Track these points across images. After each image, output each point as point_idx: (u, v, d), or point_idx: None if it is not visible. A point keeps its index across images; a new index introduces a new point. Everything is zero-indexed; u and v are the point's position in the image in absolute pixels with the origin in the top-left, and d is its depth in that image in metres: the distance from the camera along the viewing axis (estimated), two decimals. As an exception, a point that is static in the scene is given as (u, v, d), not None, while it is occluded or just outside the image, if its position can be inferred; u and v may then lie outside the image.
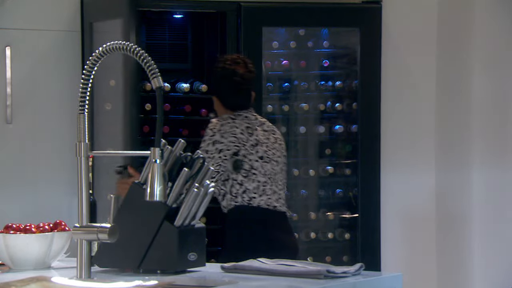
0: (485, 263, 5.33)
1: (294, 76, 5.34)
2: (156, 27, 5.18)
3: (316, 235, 5.29)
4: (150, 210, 2.64)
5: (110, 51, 2.48)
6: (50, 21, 4.94)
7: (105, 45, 2.48)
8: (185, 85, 5.11)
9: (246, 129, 3.96)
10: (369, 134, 5.25)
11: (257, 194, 3.94)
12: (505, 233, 5.33)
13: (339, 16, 5.24)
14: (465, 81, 5.39)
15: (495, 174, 5.33)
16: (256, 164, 3.94)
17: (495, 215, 5.34)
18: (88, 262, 2.47)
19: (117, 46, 2.47)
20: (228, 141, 3.91)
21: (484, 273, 5.33)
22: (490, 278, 5.33)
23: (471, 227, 5.35)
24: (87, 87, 2.49)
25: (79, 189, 2.46)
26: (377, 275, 2.59)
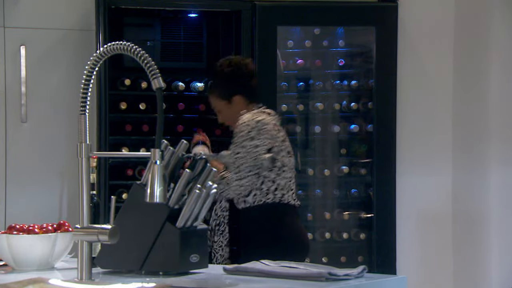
0: (503, 264, 5.27)
1: (309, 75, 5.31)
2: (171, 26, 5.18)
3: (331, 235, 5.26)
4: (152, 212, 2.64)
5: (111, 52, 2.47)
6: (65, 20, 4.96)
7: (106, 45, 2.47)
8: (199, 84, 5.10)
9: (274, 125, 4.00)
10: (385, 133, 5.21)
11: (286, 190, 3.97)
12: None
13: (355, 15, 5.20)
14: (483, 80, 5.33)
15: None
16: (285, 160, 3.98)
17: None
18: (88, 264, 2.47)
19: (118, 46, 2.46)
20: (264, 137, 3.93)
21: (501, 273, 5.28)
22: (508, 278, 5.27)
23: (488, 228, 5.30)
24: (88, 88, 2.49)
25: (79, 190, 2.46)
26: (381, 278, 2.56)
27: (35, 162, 4.91)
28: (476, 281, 5.34)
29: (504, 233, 5.28)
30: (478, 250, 5.32)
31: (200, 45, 5.20)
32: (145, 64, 2.42)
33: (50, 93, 4.93)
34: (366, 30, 5.26)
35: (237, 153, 3.91)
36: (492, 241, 5.29)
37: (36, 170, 4.90)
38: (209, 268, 2.72)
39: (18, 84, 4.85)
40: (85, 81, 2.48)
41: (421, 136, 5.40)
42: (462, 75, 5.39)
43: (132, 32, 5.10)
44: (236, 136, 3.95)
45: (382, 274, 2.69)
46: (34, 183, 4.89)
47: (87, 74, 2.48)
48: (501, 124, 5.30)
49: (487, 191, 5.30)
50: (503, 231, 5.29)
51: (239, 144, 3.92)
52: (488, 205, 5.30)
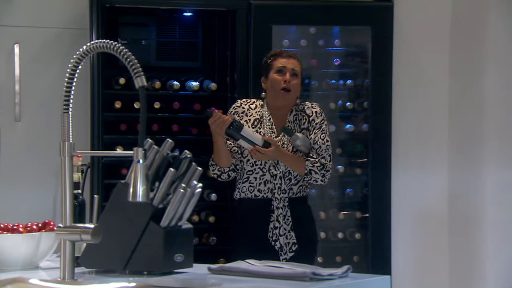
0: (498, 264, 5.26)
1: (305, 74, 5.28)
2: (166, 25, 5.17)
3: (326, 235, 5.25)
4: (136, 211, 2.63)
5: (94, 50, 2.47)
6: (59, 19, 4.95)
7: (88, 44, 2.46)
8: (194, 84, 5.09)
9: None
10: (380, 133, 5.20)
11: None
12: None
13: (351, 14, 5.19)
14: (479, 80, 5.31)
15: (508, 174, 5.25)
16: None
17: (508, 216, 5.27)
18: (71, 263, 2.46)
19: (100, 45, 2.45)
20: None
21: (497, 273, 5.26)
22: (503, 279, 5.25)
23: (484, 228, 5.28)
24: (71, 86, 2.48)
25: (62, 189, 2.45)
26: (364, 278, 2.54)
27: (29, 161, 4.90)
28: (471, 281, 5.32)
29: (499, 233, 5.26)
30: (473, 250, 5.30)
31: (196, 44, 5.19)
32: (127, 62, 2.41)
33: (44, 92, 4.93)
34: (362, 30, 5.25)
35: (328, 141, 3.99)
36: (487, 241, 5.27)
37: (30, 169, 4.90)
38: (194, 267, 2.71)
39: (12, 83, 4.85)
40: (68, 80, 2.47)
41: (417, 136, 5.38)
42: (458, 75, 5.38)
43: (127, 31, 5.09)
44: (320, 121, 3.98)
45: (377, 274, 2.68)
46: (28, 182, 4.88)
47: (70, 72, 2.47)
48: (497, 124, 5.28)
49: (482, 191, 5.28)
50: (499, 232, 5.27)
51: (326, 131, 4.00)
52: (484, 206, 5.28)
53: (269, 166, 3.95)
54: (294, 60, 4.06)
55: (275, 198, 3.94)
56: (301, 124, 4.00)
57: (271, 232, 3.93)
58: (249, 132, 3.91)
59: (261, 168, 3.95)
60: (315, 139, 3.97)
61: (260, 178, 3.95)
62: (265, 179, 3.95)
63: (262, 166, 3.95)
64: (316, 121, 3.99)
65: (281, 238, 3.93)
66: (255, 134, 3.92)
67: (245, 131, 3.89)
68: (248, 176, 3.97)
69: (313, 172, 3.92)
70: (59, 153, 2.46)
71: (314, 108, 4.02)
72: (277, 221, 3.94)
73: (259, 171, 3.96)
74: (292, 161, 3.92)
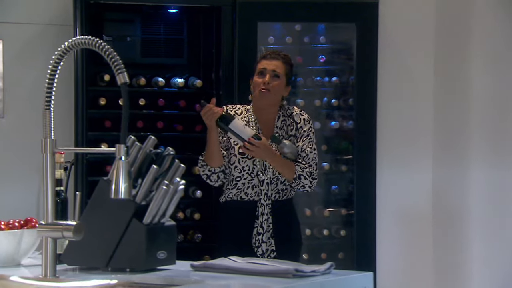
0: (483, 261, 5.27)
1: (290, 71, 5.29)
2: (151, 21, 5.16)
3: (311, 232, 5.25)
4: (118, 208, 2.62)
5: (76, 46, 2.45)
6: (43, 15, 4.93)
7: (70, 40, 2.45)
8: (179, 80, 5.08)
9: None
10: (365, 130, 5.21)
11: None
12: (503, 231, 5.27)
13: (336, 11, 5.19)
14: (464, 77, 5.33)
15: (493, 172, 5.27)
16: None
17: (492, 213, 5.28)
18: (53, 260, 2.44)
19: (83, 41, 2.44)
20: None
21: (482, 270, 5.28)
22: (488, 275, 5.27)
23: (468, 225, 5.30)
24: (53, 83, 2.47)
25: (44, 186, 2.44)
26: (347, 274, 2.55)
27: (13, 157, 4.88)
28: (456, 278, 5.34)
29: (483, 230, 5.28)
30: (458, 247, 5.32)
31: (181, 41, 5.18)
32: (109, 58, 2.40)
33: (28, 89, 4.90)
34: (347, 27, 5.25)
35: (315, 149, 3.97)
36: (472, 238, 5.29)
37: (13, 166, 4.88)
38: (177, 264, 2.71)
39: (-4, 79, 4.83)
40: (49, 76, 2.46)
41: (402, 133, 5.39)
42: (443, 72, 5.39)
43: (112, 27, 5.07)
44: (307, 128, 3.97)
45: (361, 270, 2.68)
46: (11, 179, 4.86)
47: (52, 69, 2.46)
48: (482, 121, 5.29)
49: (467, 188, 5.30)
50: (483, 229, 5.28)
51: (313, 140, 3.99)
52: (468, 202, 5.30)
53: (257, 171, 3.94)
54: (277, 62, 4.00)
55: (260, 204, 3.94)
56: (288, 131, 3.99)
57: (254, 238, 3.93)
58: (238, 125, 3.86)
59: (249, 173, 3.94)
60: (303, 147, 3.97)
61: (248, 183, 3.94)
62: (253, 183, 3.94)
63: (250, 171, 3.93)
64: (304, 129, 3.99)
65: (263, 244, 3.93)
66: (245, 128, 3.87)
67: (234, 125, 3.85)
68: (236, 182, 3.95)
69: (303, 177, 3.92)
70: (41, 150, 2.45)
71: (302, 116, 4.01)
72: (260, 227, 3.94)
73: (247, 177, 3.94)
74: (283, 164, 3.92)
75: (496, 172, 5.26)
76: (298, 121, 4.00)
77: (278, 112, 4.00)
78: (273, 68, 3.97)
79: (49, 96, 2.46)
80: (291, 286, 2.41)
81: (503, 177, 5.26)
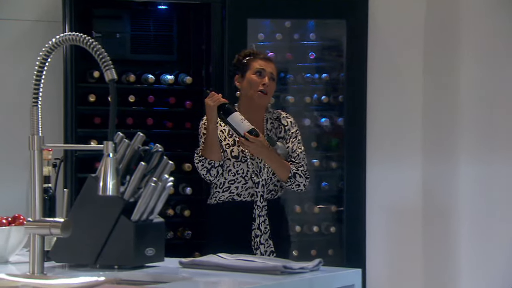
0: (472, 256, 5.29)
1: (280, 68, 5.27)
2: (141, 18, 5.14)
3: (301, 229, 5.25)
4: (106, 205, 2.61)
5: (63, 43, 2.45)
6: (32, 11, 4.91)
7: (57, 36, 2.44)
8: (169, 77, 5.07)
9: None
10: (355, 127, 5.21)
11: None
12: (492, 227, 5.28)
13: (326, 8, 5.19)
14: (453, 74, 5.33)
15: (482, 167, 5.28)
16: None
17: (482, 208, 5.30)
18: (41, 257, 2.44)
19: (70, 37, 2.43)
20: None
21: (471, 266, 5.29)
22: (477, 271, 5.28)
23: (458, 221, 5.31)
24: (40, 80, 2.46)
25: (31, 183, 2.43)
26: (335, 271, 2.55)
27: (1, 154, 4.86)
28: (445, 274, 5.35)
29: (473, 226, 5.29)
30: (448, 242, 5.33)
31: (171, 38, 5.17)
32: (97, 55, 2.39)
33: (17, 85, 4.88)
34: (337, 24, 5.25)
35: (304, 150, 4.03)
36: (462, 233, 5.30)
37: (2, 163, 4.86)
38: (165, 261, 2.70)
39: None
40: (37, 73, 2.45)
41: (392, 129, 5.40)
42: (433, 68, 5.40)
43: (101, 24, 5.06)
44: (295, 130, 4.03)
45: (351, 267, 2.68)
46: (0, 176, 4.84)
47: (39, 65, 2.45)
48: (471, 117, 5.30)
49: (456, 184, 5.31)
50: (473, 224, 5.30)
51: (301, 141, 4.05)
52: (458, 199, 5.31)
53: (251, 174, 3.94)
54: (272, 64, 4.07)
55: (257, 206, 3.94)
56: (277, 133, 4.02)
57: (253, 241, 3.93)
58: (237, 119, 3.87)
59: (243, 177, 3.94)
60: (293, 148, 4.02)
61: (242, 187, 3.94)
62: (247, 186, 3.94)
63: (244, 174, 3.94)
64: (291, 131, 4.04)
65: (261, 246, 3.94)
66: (243, 122, 3.87)
67: (233, 117, 3.86)
68: (230, 185, 3.95)
69: (298, 175, 3.96)
70: (28, 147, 2.44)
71: (288, 118, 4.08)
72: (258, 229, 3.94)
73: (241, 180, 3.94)
74: (278, 162, 3.94)
75: (486, 168, 5.28)
76: (286, 124, 4.05)
77: (264, 114, 4.01)
78: (271, 71, 4.04)
79: (36, 92, 2.45)
80: (280, 283, 2.41)
81: (492, 172, 5.27)
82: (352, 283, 2.52)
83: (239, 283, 2.46)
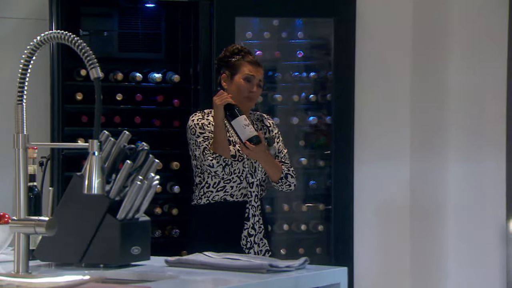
0: (460, 254, 5.30)
1: (268, 67, 5.28)
2: (129, 16, 5.13)
3: (289, 227, 5.25)
4: (92, 203, 2.60)
5: (48, 41, 2.44)
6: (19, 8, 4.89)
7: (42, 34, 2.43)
8: (157, 75, 5.06)
9: None
10: (343, 125, 5.21)
11: None
12: (479, 225, 5.30)
13: (313, 6, 5.19)
14: (441, 72, 5.35)
15: (470, 165, 5.29)
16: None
17: (469, 206, 5.31)
18: (25, 256, 2.43)
19: (55, 35, 2.43)
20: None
21: (459, 264, 5.30)
22: (465, 268, 5.30)
23: (446, 219, 5.32)
24: (25, 78, 2.45)
25: (16, 181, 2.42)
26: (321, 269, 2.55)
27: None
28: (433, 273, 5.36)
29: (461, 224, 5.31)
30: (435, 240, 5.34)
31: (159, 36, 5.16)
32: (82, 53, 2.38)
33: (4, 84, 4.86)
34: (325, 22, 5.25)
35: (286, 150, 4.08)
36: (449, 232, 5.31)
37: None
38: (151, 260, 2.69)
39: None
40: (22, 71, 2.45)
41: (379, 128, 5.40)
42: (421, 66, 5.40)
43: (89, 22, 5.05)
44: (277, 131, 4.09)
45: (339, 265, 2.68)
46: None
47: (24, 63, 2.44)
48: (458, 116, 5.32)
49: (444, 182, 5.32)
50: (460, 222, 5.31)
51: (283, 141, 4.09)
52: (446, 197, 5.32)
53: (246, 174, 3.95)
54: (261, 69, 4.08)
55: (251, 206, 3.95)
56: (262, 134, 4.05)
57: (245, 240, 3.93)
58: (240, 125, 3.89)
59: (239, 176, 3.95)
60: (279, 148, 4.07)
61: (236, 187, 3.95)
62: (241, 186, 3.95)
63: (240, 174, 3.95)
64: (275, 132, 4.10)
65: (255, 245, 3.94)
66: (245, 128, 3.89)
67: (236, 122, 3.89)
68: (225, 185, 3.95)
69: (289, 176, 4.02)
70: (13, 145, 2.43)
71: (270, 120, 4.15)
72: (252, 228, 3.95)
73: (236, 179, 3.95)
74: (273, 164, 3.97)
75: (473, 166, 5.29)
76: (269, 125, 4.12)
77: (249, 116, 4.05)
78: (260, 77, 4.06)
79: (21, 91, 2.44)
80: (265, 281, 2.41)
81: (480, 170, 5.29)
82: (338, 282, 2.52)
83: (225, 281, 2.46)
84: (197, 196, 4.00)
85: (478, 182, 5.28)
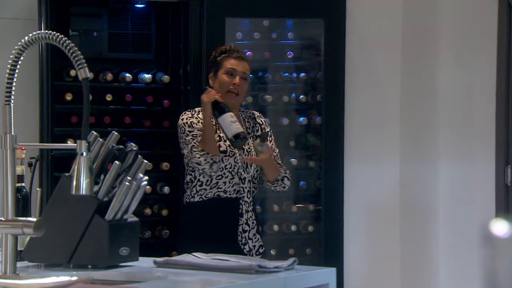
0: (449, 255, 5.31)
1: (258, 67, 5.28)
2: (119, 16, 5.12)
3: (279, 228, 5.25)
4: (80, 204, 2.60)
5: (36, 41, 2.43)
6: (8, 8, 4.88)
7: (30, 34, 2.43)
8: (147, 76, 5.06)
9: None
10: (333, 126, 5.21)
11: None
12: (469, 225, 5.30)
13: (303, 7, 5.19)
14: (431, 72, 5.35)
15: (460, 165, 5.30)
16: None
17: (459, 207, 5.32)
18: (13, 257, 2.42)
19: (43, 35, 2.42)
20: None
21: (449, 265, 5.31)
22: (454, 269, 5.30)
23: (435, 219, 5.33)
24: (13, 78, 2.44)
25: (4, 182, 2.41)
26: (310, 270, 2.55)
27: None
28: (422, 272, 5.37)
29: (450, 224, 5.31)
30: (425, 241, 5.35)
31: (149, 36, 5.15)
32: (70, 53, 2.38)
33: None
34: (315, 23, 5.25)
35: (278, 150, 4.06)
36: (439, 232, 5.32)
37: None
38: (140, 261, 2.69)
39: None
40: (9, 71, 2.44)
41: (369, 128, 5.41)
42: (411, 67, 5.41)
43: (78, 22, 5.03)
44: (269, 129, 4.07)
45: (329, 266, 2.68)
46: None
47: (12, 64, 2.43)
48: (449, 116, 5.32)
49: (434, 183, 5.32)
50: (450, 222, 5.32)
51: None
52: (436, 197, 5.33)
53: (238, 169, 3.94)
54: (245, 63, 4.01)
55: (244, 202, 3.94)
56: (255, 131, 4.04)
57: (240, 236, 3.93)
58: (226, 122, 3.87)
59: (230, 172, 3.94)
60: (272, 147, 4.06)
61: (229, 182, 3.94)
62: (233, 182, 3.94)
63: (231, 169, 3.93)
64: (267, 130, 4.08)
65: (249, 241, 3.94)
66: (231, 125, 3.87)
67: (222, 118, 3.88)
68: (217, 181, 3.94)
69: (286, 178, 4.02)
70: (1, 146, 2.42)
71: (262, 118, 4.12)
72: (246, 224, 3.94)
73: (228, 175, 3.94)
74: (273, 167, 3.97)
75: (462, 166, 5.30)
76: (261, 123, 4.09)
77: (239, 113, 4.01)
78: (242, 70, 3.98)
79: (9, 91, 2.43)
80: (254, 282, 2.41)
81: (469, 171, 5.29)
82: (327, 282, 2.52)
83: (214, 282, 2.45)
84: (189, 195, 3.98)
85: (467, 183, 5.29)
